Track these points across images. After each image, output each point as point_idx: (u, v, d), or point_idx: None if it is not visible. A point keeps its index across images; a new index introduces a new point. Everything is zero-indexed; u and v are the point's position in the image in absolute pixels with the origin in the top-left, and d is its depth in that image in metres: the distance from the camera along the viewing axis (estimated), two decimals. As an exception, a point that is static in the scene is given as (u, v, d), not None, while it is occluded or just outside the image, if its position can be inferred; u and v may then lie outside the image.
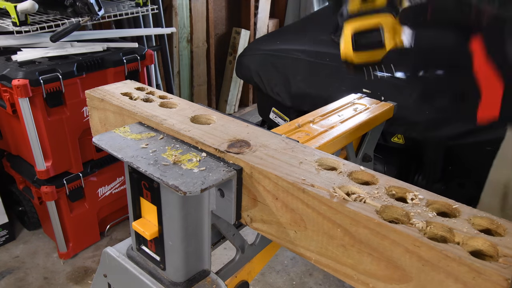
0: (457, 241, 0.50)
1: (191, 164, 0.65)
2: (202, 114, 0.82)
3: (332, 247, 0.59)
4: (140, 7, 2.22)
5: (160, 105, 0.85)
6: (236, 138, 0.73)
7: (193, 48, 3.20)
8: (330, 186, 0.59)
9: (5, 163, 2.13)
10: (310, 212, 0.59)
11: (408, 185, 0.60)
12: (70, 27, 1.80)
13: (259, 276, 2.04)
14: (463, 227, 0.51)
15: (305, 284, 2.01)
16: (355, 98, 1.25)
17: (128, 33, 2.37)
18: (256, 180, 0.64)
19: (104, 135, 0.73)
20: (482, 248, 0.49)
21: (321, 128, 1.02)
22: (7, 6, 1.70)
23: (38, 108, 1.72)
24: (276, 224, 0.65)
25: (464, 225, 0.52)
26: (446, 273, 0.47)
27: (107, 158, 2.08)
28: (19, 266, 2.06)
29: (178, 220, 0.65)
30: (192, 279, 0.72)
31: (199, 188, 0.59)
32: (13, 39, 1.86)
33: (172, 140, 0.73)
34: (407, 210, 0.54)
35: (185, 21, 3.06)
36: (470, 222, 0.53)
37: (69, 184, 1.93)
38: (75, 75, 1.80)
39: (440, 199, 0.57)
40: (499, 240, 0.49)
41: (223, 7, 3.42)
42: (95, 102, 0.90)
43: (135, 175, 0.69)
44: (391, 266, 0.53)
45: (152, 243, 0.72)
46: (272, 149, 0.69)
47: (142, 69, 2.06)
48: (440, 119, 1.57)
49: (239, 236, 0.84)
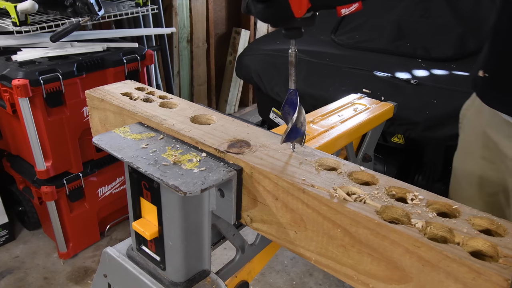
0: (457, 242, 0.50)
1: (191, 164, 0.65)
2: (202, 114, 0.82)
3: (332, 248, 0.59)
4: (140, 7, 2.22)
5: (160, 105, 0.85)
6: (236, 138, 0.73)
7: (193, 48, 3.20)
8: (330, 186, 0.59)
9: (5, 163, 2.13)
10: (310, 212, 0.59)
11: (408, 185, 0.60)
12: (70, 27, 1.80)
13: (259, 276, 2.04)
14: (463, 228, 0.51)
15: (305, 284, 2.01)
16: (355, 98, 1.25)
17: (128, 33, 2.37)
18: (256, 180, 0.64)
19: (104, 135, 0.73)
20: (482, 248, 0.49)
21: (321, 128, 1.02)
22: (7, 6, 1.70)
23: (38, 108, 1.72)
24: (276, 224, 0.65)
25: (464, 225, 0.52)
26: (446, 274, 0.47)
27: (107, 158, 2.08)
28: (19, 266, 2.06)
29: (178, 220, 0.65)
30: (192, 279, 0.72)
31: (199, 188, 0.59)
32: (13, 39, 1.86)
33: (172, 140, 0.73)
34: (407, 210, 0.54)
35: (185, 21, 3.06)
36: (470, 223, 0.53)
37: (69, 184, 1.93)
38: (75, 75, 1.80)
39: (440, 199, 0.57)
40: (499, 240, 0.49)
41: (223, 7, 3.42)
42: (95, 102, 0.90)
43: (135, 175, 0.69)
44: (391, 267, 0.53)
45: (152, 243, 0.72)
46: (272, 149, 0.69)
47: (142, 69, 2.06)
48: (440, 119, 1.57)
49: (239, 236, 0.84)
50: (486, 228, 0.53)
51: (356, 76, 1.83)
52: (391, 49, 1.95)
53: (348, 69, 1.87)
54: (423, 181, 1.79)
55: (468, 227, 0.52)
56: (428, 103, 1.61)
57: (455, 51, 1.82)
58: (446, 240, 0.50)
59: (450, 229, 0.51)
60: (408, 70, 1.77)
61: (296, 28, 0.63)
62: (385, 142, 1.75)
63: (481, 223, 0.53)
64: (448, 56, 1.82)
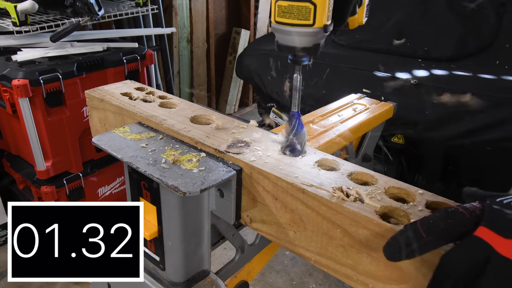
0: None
1: (191, 164, 0.65)
2: (202, 114, 0.82)
3: (331, 248, 0.59)
4: (140, 7, 2.22)
5: (159, 105, 0.85)
6: (236, 138, 0.73)
7: (193, 48, 3.20)
8: (329, 186, 0.59)
9: (5, 163, 2.13)
10: (310, 212, 0.59)
11: (408, 185, 0.60)
12: (70, 27, 1.80)
13: (259, 276, 2.04)
14: (462, 228, 0.51)
15: (305, 284, 2.01)
16: (355, 98, 1.25)
17: (128, 33, 2.37)
18: (256, 181, 0.64)
19: (104, 135, 0.73)
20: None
21: (321, 128, 1.02)
22: (7, 6, 1.70)
23: (38, 108, 1.72)
24: (275, 225, 0.65)
25: (463, 225, 0.52)
26: (445, 274, 0.47)
27: (107, 158, 2.08)
28: (19, 266, 2.06)
29: (178, 220, 0.65)
30: (192, 279, 0.72)
31: (199, 189, 0.59)
32: (13, 39, 1.86)
33: (172, 140, 0.73)
34: (407, 210, 0.54)
35: (185, 21, 3.06)
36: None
37: (69, 184, 1.93)
38: (75, 75, 1.80)
39: (440, 199, 0.57)
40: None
41: (223, 7, 3.42)
42: (95, 102, 0.90)
43: (135, 175, 0.69)
44: (391, 267, 0.53)
45: (152, 243, 0.72)
46: (271, 149, 0.69)
47: (142, 69, 2.06)
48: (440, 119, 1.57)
49: (238, 236, 0.84)
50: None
51: (356, 76, 1.83)
52: (391, 49, 1.95)
53: (348, 69, 1.87)
54: (423, 181, 1.79)
55: (468, 227, 0.52)
56: (428, 103, 1.61)
57: (455, 51, 1.81)
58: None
59: (450, 229, 0.51)
60: (408, 70, 1.77)
61: (302, 55, 0.64)
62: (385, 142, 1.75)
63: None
64: (448, 56, 1.81)
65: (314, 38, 0.60)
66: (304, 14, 0.58)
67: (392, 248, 0.47)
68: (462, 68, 1.69)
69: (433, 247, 0.45)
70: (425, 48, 1.88)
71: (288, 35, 0.61)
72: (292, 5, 0.58)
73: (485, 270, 0.42)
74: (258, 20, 3.64)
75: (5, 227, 2.17)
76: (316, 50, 0.62)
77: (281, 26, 0.60)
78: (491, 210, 0.43)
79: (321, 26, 0.59)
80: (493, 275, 0.41)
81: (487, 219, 0.43)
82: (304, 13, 0.57)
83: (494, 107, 1.40)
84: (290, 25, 0.59)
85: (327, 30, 0.60)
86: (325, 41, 0.63)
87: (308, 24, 0.58)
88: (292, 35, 0.61)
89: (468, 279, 0.43)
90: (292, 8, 0.58)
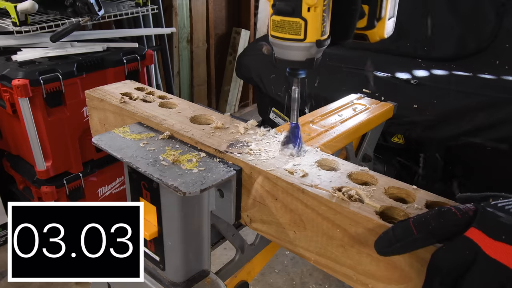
0: (456, 242, 0.50)
1: (191, 164, 0.65)
2: (202, 114, 0.82)
3: (331, 248, 0.59)
4: (140, 7, 2.22)
5: (159, 105, 0.85)
6: (236, 138, 0.73)
7: (193, 48, 3.20)
8: (329, 186, 0.59)
9: (5, 163, 2.13)
10: (310, 212, 0.59)
11: (408, 186, 0.60)
12: (70, 27, 1.80)
13: (259, 276, 2.04)
14: (462, 228, 0.51)
15: (305, 284, 2.01)
16: (355, 98, 1.25)
17: (128, 33, 2.37)
18: (256, 181, 0.64)
19: (103, 135, 0.73)
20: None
21: (321, 128, 1.01)
22: (7, 6, 1.70)
23: (38, 108, 1.72)
24: (275, 225, 0.65)
25: (463, 225, 0.52)
26: (445, 274, 0.47)
27: (107, 158, 2.08)
28: (19, 266, 2.06)
29: (178, 220, 0.65)
30: (192, 279, 0.72)
31: (199, 189, 0.59)
32: (13, 39, 1.86)
33: (172, 140, 0.73)
34: (407, 210, 0.54)
35: (185, 21, 3.06)
36: (469, 223, 0.53)
37: (69, 184, 1.93)
38: (75, 75, 1.80)
39: (440, 199, 0.57)
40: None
41: (223, 7, 3.42)
42: (95, 102, 0.90)
43: (135, 175, 0.69)
44: (390, 267, 0.53)
45: (152, 243, 0.72)
46: (271, 149, 0.69)
47: (142, 69, 2.06)
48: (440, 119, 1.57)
49: (238, 236, 0.84)
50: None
51: (356, 76, 1.83)
52: (391, 49, 1.95)
53: (348, 69, 1.87)
54: (423, 181, 1.79)
55: (468, 227, 0.52)
56: (428, 103, 1.61)
57: (455, 51, 1.81)
58: (446, 240, 0.50)
59: (450, 229, 0.51)
60: (408, 70, 1.77)
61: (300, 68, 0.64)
62: (385, 142, 1.75)
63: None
64: (448, 56, 1.81)
65: (306, 53, 0.61)
66: (295, 29, 0.58)
67: (382, 242, 0.48)
68: (462, 68, 1.69)
69: (422, 245, 0.46)
70: (425, 48, 1.88)
71: (282, 48, 0.62)
72: (284, 20, 0.59)
73: (470, 269, 0.43)
74: (258, 20, 3.64)
75: (5, 227, 2.16)
76: (310, 64, 0.62)
77: (276, 40, 0.61)
78: (484, 212, 0.44)
79: (313, 41, 0.59)
80: (478, 275, 0.42)
81: (478, 221, 0.43)
82: (295, 28, 0.58)
83: (494, 107, 1.40)
84: (283, 39, 0.60)
85: (322, 45, 0.60)
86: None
87: (299, 39, 0.59)
88: (285, 49, 0.62)
89: (456, 276, 0.44)
90: (284, 23, 0.59)
